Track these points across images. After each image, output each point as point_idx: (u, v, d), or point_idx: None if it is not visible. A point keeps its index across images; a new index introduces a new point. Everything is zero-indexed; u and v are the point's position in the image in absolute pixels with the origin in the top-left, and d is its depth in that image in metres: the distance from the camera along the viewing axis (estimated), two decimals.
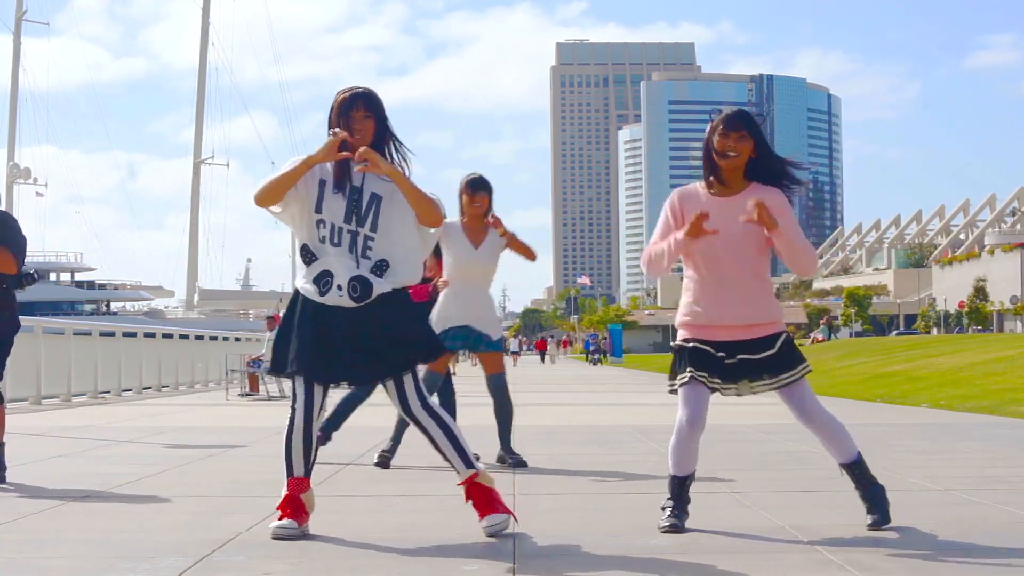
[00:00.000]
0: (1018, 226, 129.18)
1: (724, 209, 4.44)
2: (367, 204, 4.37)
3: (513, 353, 63.06)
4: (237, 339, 24.90)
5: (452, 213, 6.88)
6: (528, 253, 6.92)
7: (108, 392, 17.33)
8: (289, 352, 4.39)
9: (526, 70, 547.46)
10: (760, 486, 5.97)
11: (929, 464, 6.94)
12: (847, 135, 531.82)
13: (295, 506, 4.39)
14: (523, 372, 37.58)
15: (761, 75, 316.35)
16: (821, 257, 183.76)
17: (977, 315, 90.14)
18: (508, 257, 7.04)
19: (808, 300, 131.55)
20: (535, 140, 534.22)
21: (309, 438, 4.42)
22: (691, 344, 4.48)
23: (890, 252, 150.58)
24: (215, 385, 22.13)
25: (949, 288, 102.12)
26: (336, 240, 4.37)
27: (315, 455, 4.46)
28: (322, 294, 4.36)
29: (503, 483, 6.08)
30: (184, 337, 22.30)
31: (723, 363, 4.46)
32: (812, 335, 61.81)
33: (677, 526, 4.47)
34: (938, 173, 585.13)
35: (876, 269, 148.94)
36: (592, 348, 57.98)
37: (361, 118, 4.36)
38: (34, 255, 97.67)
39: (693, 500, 5.48)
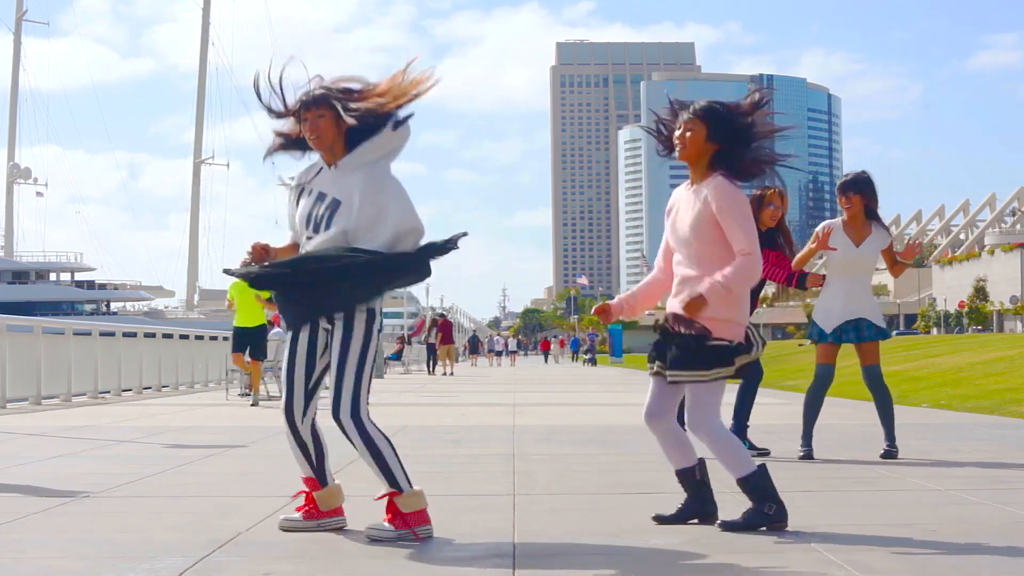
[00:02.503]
0: (1018, 226, 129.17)
1: (684, 203, 4.50)
2: (325, 208, 4.34)
3: (511, 353, 63.11)
4: None
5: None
6: (898, 270, 7.32)
7: (108, 392, 17.32)
8: None
9: (531, 70, 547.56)
10: None
11: (929, 464, 6.94)
12: (850, 135, 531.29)
13: (308, 501, 4.48)
14: (524, 372, 37.60)
15: (761, 75, 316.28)
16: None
17: (977, 315, 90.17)
18: (507, 257, 7.05)
19: (808, 300, 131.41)
20: (539, 140, 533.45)
21: (300, 442, 4.42)
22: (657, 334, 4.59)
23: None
24: (215, 385, 22.12)
25: (949, 288, 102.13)
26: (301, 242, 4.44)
27: (316, 454, 4.44)
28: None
29: (504, 481, 6.08)
30: (184, 337, 22.26)
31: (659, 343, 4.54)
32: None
33: (664, 518, 4.60)
34: (938, 173, 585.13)
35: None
36: (586, 348, 57.56)
37: (315, 118, 4.32)
38: (34, 255, 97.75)
39: None
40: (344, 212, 4.28)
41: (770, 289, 8.36)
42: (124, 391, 18.11)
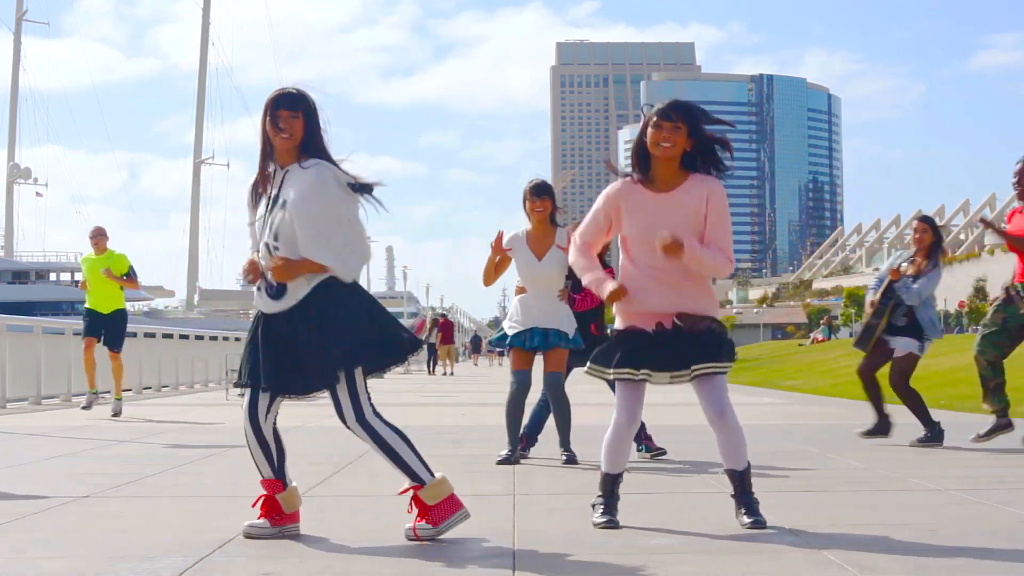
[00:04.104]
0: None
1: (663, 205, 4.48)
2: (276, 211, 4.31)
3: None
4: (237, 339, 24.84)
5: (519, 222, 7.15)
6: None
7: (108, 392, 17.31)
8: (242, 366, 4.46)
9: (533, 70, 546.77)
10: (760, 486, 5.93)
11: (929, 464, 6.94)
12: (851, 135, 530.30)
13: (270, 506, 4.40)
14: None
15: (761, 75, 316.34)
16: (821, 257, 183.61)
17: (977, 315, 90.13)
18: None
19: (808, 300, 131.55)
20: (540, 140, 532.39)
21: (263, 441, 4.38)
22: (626, 332, 4.54)
23: (890, 252, 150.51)
24: (215, 385, 22.13)
25: (949, 288, 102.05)
26: (261, 249, 4.37)
27: (277, 455, 4.41)
28: (256, 301, 4.40)
29: (504, 481, 6.09)
30: (184, 337, 22.28)
31: (656, 349, 4.48)
32: (812, 335, 61.75)
33: (613, 522, 4.54)
34: (938, 173, 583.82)
35: (876, 269, 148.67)
36: None
37: (287, 117, 4.30)
38: (34, 255, 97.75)
39: (696, 498, 5.50)
40: (288, 228, 4.26)
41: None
42: (124, 391, 18.10)
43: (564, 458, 7.03)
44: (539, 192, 6.96)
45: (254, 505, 4.41)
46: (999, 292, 8.15)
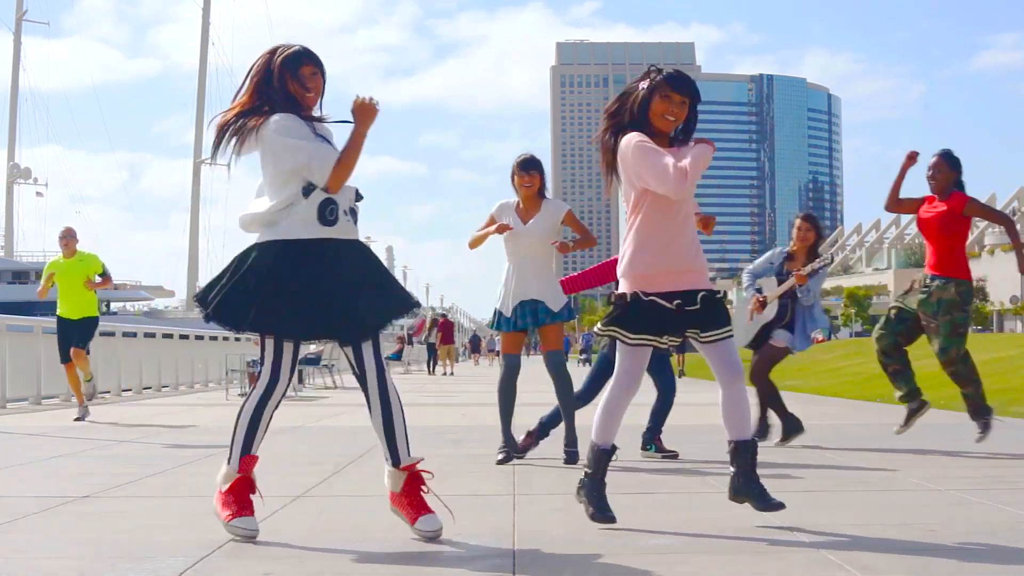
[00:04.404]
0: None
1: (680, 158, 4.40)
2: None
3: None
4: (237, 339, 24.86)
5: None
6: (586, 242, 7.09)
7: (108, 392, 17.32)
8: (273, 309, 4.22)
9: (533, 70, 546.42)
10: None
11: (929, 464, 6.94)
12: (851, 135, 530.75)
13: (242, 492, 4.38)
14: (525, 372, 37.55)
15: (761, 75, 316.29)
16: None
17: (977, 315, 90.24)
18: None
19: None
20: (541, 140, 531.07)
21: (271, 416, 4.43)
22: (648, 299, 4.40)
23: (890, 252, 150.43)
24: (215, 385, 22.13)
25: None
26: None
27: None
28: (328, 223, 4.23)
29: (504, 481, 6.08)
30: (184, 337, 22.28)
31: (674, 314, 4.40)
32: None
33: (610, 517, 4.48)
34: None
35: (876, 269, 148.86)
36: (580, 348, 56.88)
37: (309, 74, 4.32)
38: (34, 255, 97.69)
39: (696, 498, 5.50)
40: None
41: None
42: (124, 391, 18.12)
43: (565, 457, 7.03)
44: (527, 167, 6.98)
45: (236, 501, 4.36)
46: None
